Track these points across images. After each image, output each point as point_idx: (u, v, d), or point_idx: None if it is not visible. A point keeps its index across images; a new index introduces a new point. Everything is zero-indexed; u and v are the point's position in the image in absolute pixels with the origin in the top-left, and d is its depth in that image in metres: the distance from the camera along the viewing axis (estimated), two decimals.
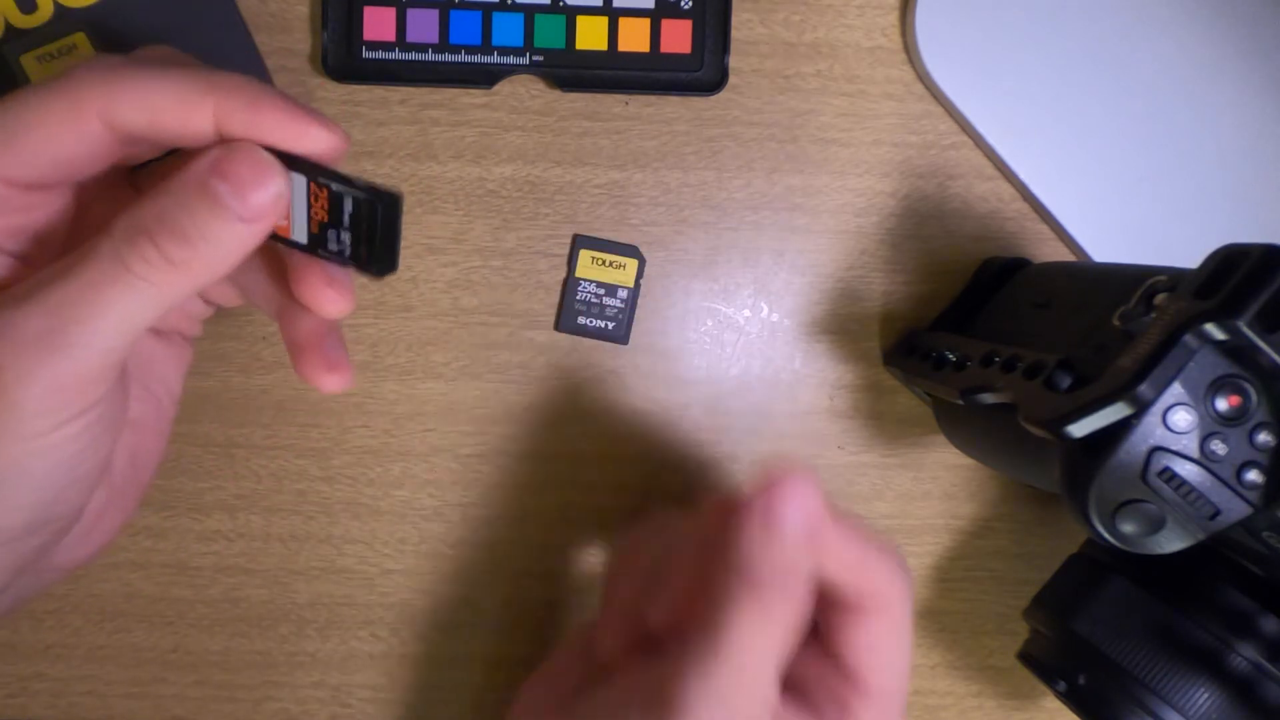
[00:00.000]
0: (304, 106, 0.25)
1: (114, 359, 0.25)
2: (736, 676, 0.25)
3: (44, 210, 0.26)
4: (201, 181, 0.24)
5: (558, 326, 0.37)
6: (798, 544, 0.25)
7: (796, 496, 0.25)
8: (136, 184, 0.29)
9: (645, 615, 0.28)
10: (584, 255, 0.37)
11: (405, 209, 0.37)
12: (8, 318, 0.23)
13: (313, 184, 0.25)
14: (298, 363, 0.29)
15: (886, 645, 0.27)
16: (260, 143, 0.25)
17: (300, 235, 0.26)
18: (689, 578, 0.27)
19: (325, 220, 0.26)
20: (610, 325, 0.37)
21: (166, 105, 0.24)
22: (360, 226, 0.25)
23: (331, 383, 0.29)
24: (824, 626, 0.28)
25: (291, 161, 0.25)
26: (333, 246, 0.26)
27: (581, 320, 0.37)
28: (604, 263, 0.37)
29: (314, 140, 0.25)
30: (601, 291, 0.37)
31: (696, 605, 0.26)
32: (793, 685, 0.28)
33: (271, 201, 0.25)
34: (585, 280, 0.37)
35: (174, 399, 0.31)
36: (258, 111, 0.24)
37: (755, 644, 0.25)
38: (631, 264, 0.37)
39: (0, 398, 0.23)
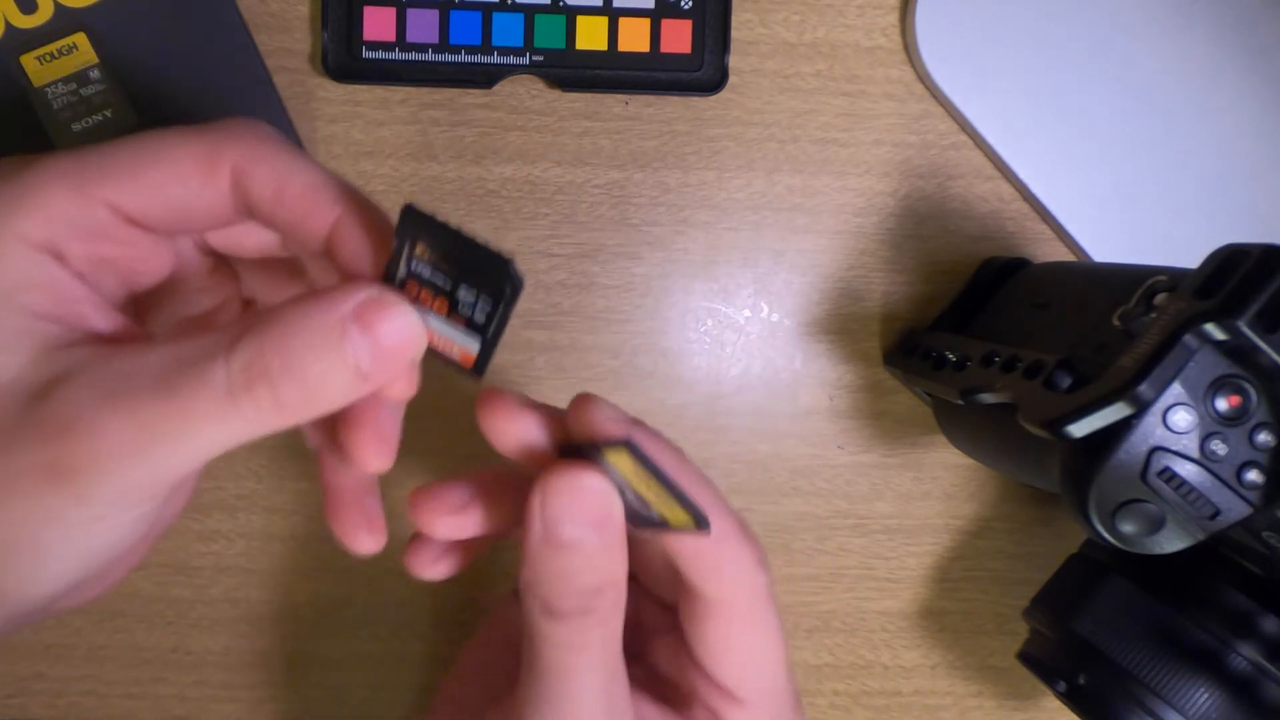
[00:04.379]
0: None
1: (190, 471, 0.22)
2: (565, 706, 0.23)
3: (142, 259, 0.24)
4: (342, 328, 0.21)
5: None
6: (586, 553, 0.23)
7: (574, 498, 0.23)
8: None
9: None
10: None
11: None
12: (96, 417, 0.21)
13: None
14: (334, 515, 0.27)
15: (745, 644, 0.25)
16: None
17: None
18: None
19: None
20: None
21: (298, 191, 0.23)
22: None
23: (367, 544, 0.27)
24: (682, 620, 0.25)
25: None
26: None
27: None
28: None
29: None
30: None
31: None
32: (664, 681, 0.27)
33: (405, 367, 0.23)
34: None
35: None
36: (378, 238, 0.23)
37: (574, 670, 0.23)
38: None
39: (73, 489, 0.21)
